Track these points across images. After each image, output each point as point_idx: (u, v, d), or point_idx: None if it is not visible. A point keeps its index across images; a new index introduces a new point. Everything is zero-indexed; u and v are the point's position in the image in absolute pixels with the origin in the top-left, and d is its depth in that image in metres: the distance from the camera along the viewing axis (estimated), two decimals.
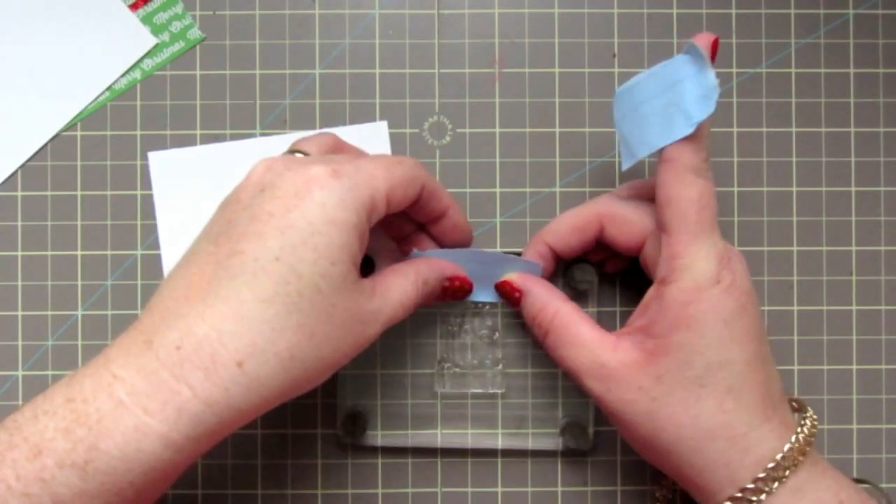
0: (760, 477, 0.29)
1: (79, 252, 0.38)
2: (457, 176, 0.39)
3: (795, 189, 0.39)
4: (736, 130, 0.39)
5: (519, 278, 0.35)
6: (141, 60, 0.38)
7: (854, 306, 0.39)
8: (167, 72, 0.39)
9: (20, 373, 0.38)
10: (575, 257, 0.36)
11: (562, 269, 0.37)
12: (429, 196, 0.32)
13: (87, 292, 0.38)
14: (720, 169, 0.38)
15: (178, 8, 0.39)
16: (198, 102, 0.38)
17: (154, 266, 0.38)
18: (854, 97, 0.39)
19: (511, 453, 0.38)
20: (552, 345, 0.33)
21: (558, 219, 0.35)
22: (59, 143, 0.38)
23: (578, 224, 0.35)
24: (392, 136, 0.39)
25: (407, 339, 0.38)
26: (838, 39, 0.39)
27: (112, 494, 0.25)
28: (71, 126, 0.38)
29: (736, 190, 0.39)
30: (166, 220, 0.38)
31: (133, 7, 0.38)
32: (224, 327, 0.26)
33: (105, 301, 0.38)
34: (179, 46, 0.39)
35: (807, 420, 0.30)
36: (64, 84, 0.38)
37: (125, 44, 0.38)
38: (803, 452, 0.29)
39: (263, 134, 0.38)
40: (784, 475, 0.29)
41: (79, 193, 0.38)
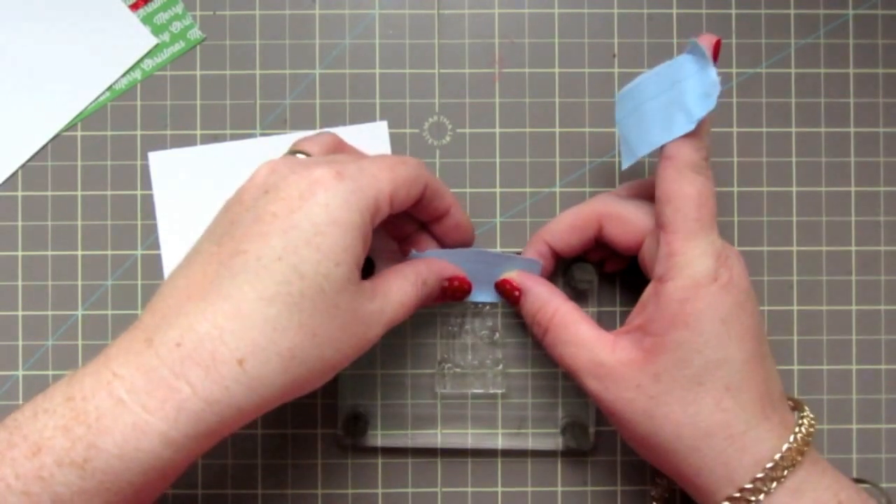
0: (759, 477, 0.29)
1: (79, 252, 0.38)
2: (457, 176, 0.39)
3: (795, 189, 0.39)
4: (736, 130, 0.39)
5: (518, 277, 0.35)
6: (141, 60, 0.38)
7: (854, 306, 0.39)
8: (167, 72, 0.39)
9: (20, 373, 0.38)
10: (574, 256, 0.36)
11: (562, 269, 0.37)
12: (431, 195, 0.32)
13: (88, 292, 0.38)
14: (720, 169, 0.38)
15: (179, 8, 0.39)
16: (198, 102, 0.38)
17: (154, 266, 0.38)
18: (854, 97, 0.39)
19: (511, 453, 0.38)
20: (551, 343, 0.33)
21: (558, 218, 0.35)
22: (60, 143, 0.38)
23: (578, 223, 0.35)
24: (392, 136, 0.39)
25: (407, 340, 0.38)
26: (838, 40, 0.39)
27: (111, 493, 0.25)
28: (71, 126, 0.38)
29: (736, 190, 0.39)
30: (166, 220, 0.38)
31: (133, 7, 0.38)
32: (225, 325, 0.26)
33: (105, 301, 0.38)
34: (180, 46, 0.39)
35: (804, 420, 0.30)
36: (64, 84, 0.38)
37: (125, 44, 0.38)
38: (801, 452, 0.29)
39: (263, 134, 0.38)
40: (782, 475, 0.29)
41: (79, 193, 0.38)
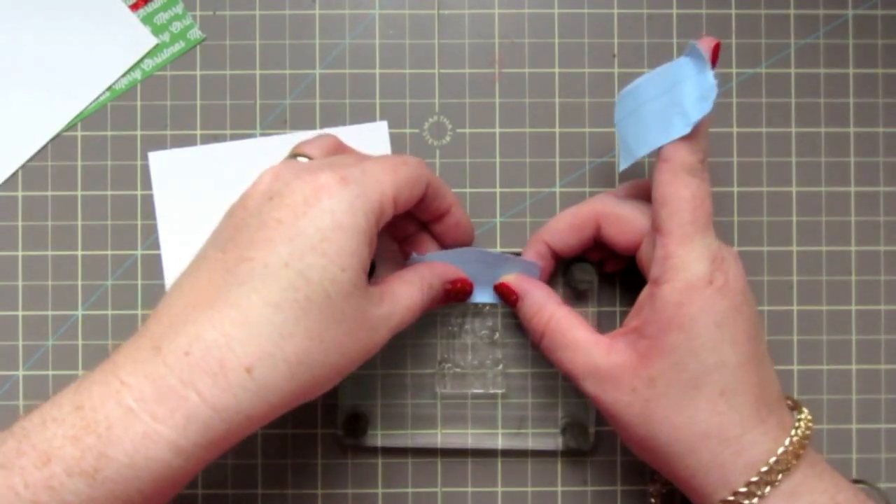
0: (753, 480, 0.29)
1: (79, 252, 0.38)
2: (457, 176, 0.39)
3: (795, 189, 0.39)
4: (735, 130, 0.39)
5: (516, 281, 0.35)
6: (141, 60, 0.38)
7: (853, 306, 0.39)
8: (167, 72, 0.39)
9: (20, 373, 0.38)
10: (574, 256, 0.36)
11: (562, 269, 0.37)
12: (433, 194, 0.32)
13: (88, 292, 0.38)
14: (720, 169, 0.38)
15: (179, 8, 0.39)
16: (198, 102, 0.38)
17: (154, 266, 0.38)
18: (853, 97, 0.39)
19: (511, 453, 0.38)
20: (548, 347, 0.33)
21: (556, 218, 0.35)
22: (60, 144, 0.38)
23: (576, 223, 0.35)
24: (392, 137, 0.39)
25: (407, 340, 0.38)
26: (837, 40, 0.39)
27: (120, 502, 0.25)
28: (71, 126, 0.38)
29: (735, 190, 0.39)
30: (166, 220, 0.38)
31: (133, 7, 0.38)
32: (233, 333, 0.26)
33: (105, 301, 0.38)
34: (180, 47, 0.39)
35: (801, 423, 0.30)
36: (64, 84, 0.38)
37: (125, 44, 0.38)
38: (797, 456, 0.29)
39: (263, 134, 0.38)
40: (776, 479, 0.29)
41: (79, 193, 0.38)
